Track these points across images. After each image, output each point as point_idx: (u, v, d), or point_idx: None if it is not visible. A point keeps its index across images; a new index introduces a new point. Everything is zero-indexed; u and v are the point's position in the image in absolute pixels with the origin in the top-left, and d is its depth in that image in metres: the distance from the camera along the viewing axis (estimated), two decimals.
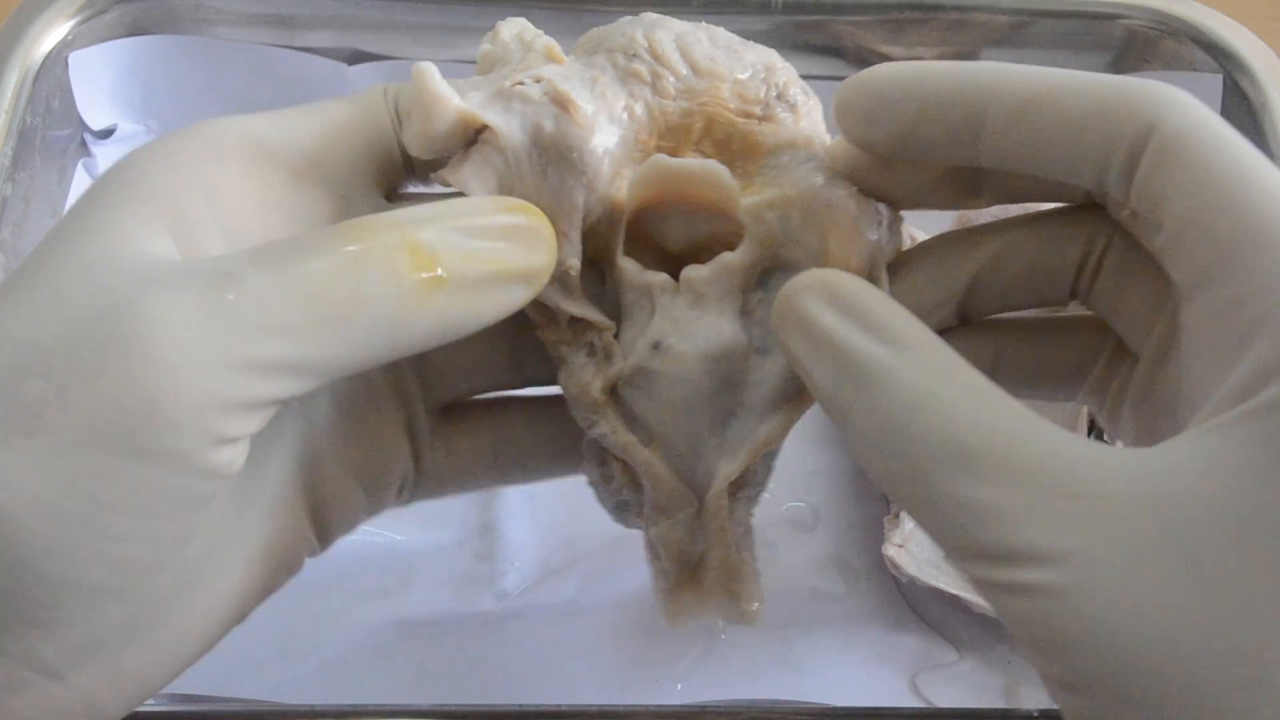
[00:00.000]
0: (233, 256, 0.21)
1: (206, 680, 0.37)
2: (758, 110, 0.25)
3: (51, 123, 0.44)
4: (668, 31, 0.26)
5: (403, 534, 0.41)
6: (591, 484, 0.28)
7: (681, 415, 0.25)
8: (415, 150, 0.24)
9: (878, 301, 0.22)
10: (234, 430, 0.21)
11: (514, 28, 0.26)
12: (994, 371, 0.26)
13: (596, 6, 0.46)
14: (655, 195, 0.25)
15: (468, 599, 0.39)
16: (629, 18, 0.26)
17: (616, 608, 0.39)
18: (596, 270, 0.26)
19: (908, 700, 0.38)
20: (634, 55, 0.25)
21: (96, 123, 0.47)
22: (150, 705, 0.36)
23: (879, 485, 0.22)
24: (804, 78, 0.27)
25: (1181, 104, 0.22)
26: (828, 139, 0.26)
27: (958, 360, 0.22)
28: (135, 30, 0.47)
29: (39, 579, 0.20)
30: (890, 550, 0.38)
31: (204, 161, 0.23)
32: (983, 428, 0.21)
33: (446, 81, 0.24)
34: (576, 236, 0.24)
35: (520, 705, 0.36)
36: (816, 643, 0.39)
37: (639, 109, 0.25)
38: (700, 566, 0.27)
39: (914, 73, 0.23)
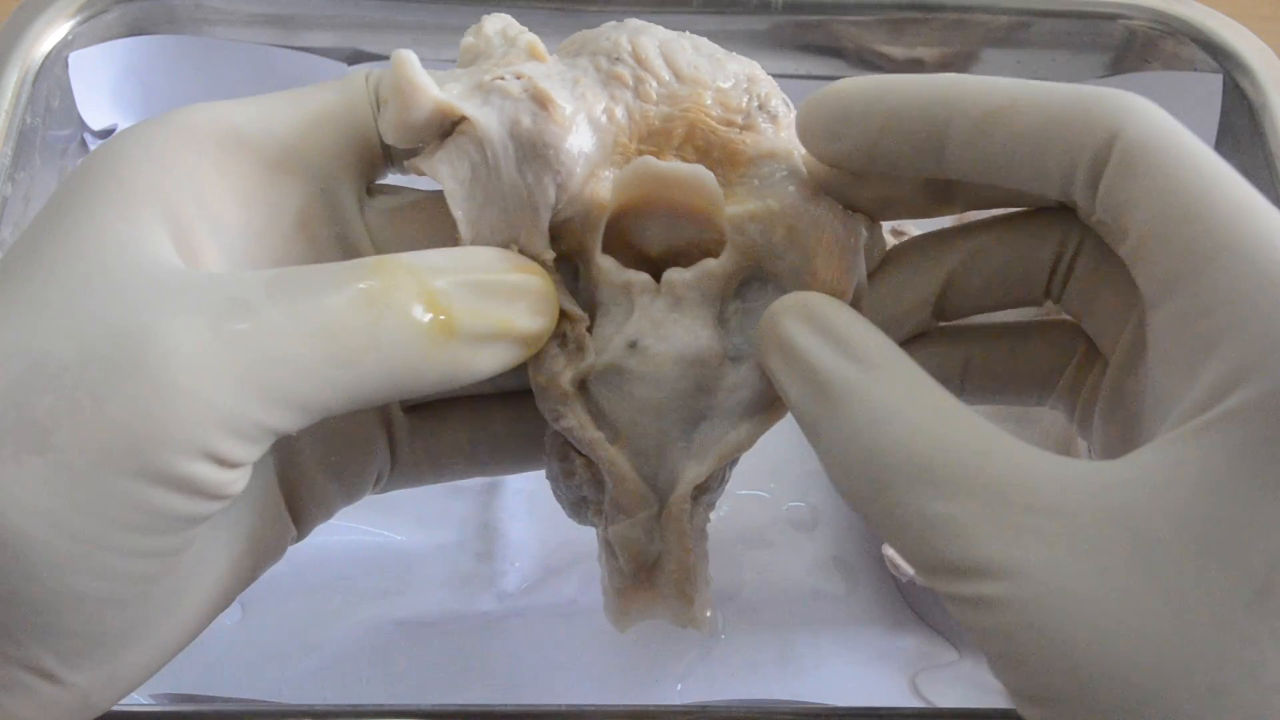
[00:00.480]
0: (247, 282, 0.21)
1: (207, 680, 0.37)
2: (739, 119, 0.26)
3: (51, 123, 0.44)
4: (651, 37, 0.26)
5: (403, 534, 0.41)
6: (550, 478, 0.28)
7: (651, 416, 0.25)
8: (390, 138, 0.25)
9: (851, 323, 0.23)
10: (238, 457, 0.21)
11: (498, 23, 0.26)
12: (964, 377, 0.27)
13: (595, 7, 0.46)
14: (639, 197, 0.25)
15: (468, 599, 0.39)
16: (613, 23, 0.26)
17: None
18: (570, 266, 0.26)
19: (908, 700, 0.38)
20: (617, 59, 0.25)
21: (96, 123, 0.47)
22: (150, 705, 0.36)
23: (847, 501, 0.23)
24: (804, 78, 0.27)
25: (1144, 113, 0.22)
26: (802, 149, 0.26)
27: (925, 379, 0.22)
28: (135, 30, 0.47)
29: (44, 590, 0.20)
30: (890, 550, 0.38)
31: (187, 155, 0.23)
32: (945, 443, 0.21)
33: (426, 72, 0.24)
34: (545, 229, 0.25)
35: (520, 705, 0.36)
36: (816, 643, 0.39)
37: (619, 112, 0.25)
38: (655, 568, 0.27)
39: (876, 87, 0.23)
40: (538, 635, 0.39)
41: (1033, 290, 0.26)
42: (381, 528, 0.41)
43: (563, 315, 0.25)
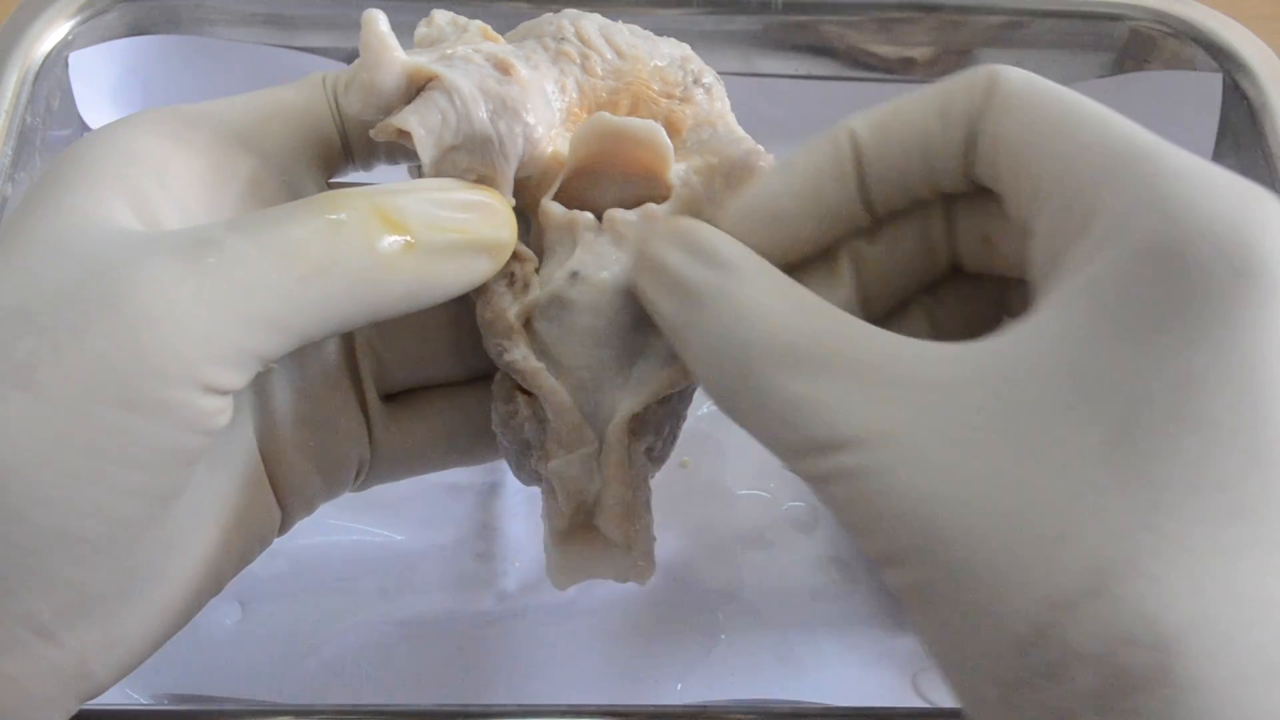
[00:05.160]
0: (208, 226, 0.22)
1: (207, 680, 0.37)
2: (677, 92, 0.28)
3: (51, 123, 0.44)
4: (591, 22, 0.28)
5: (403, 534, 0.41)
6: (496, 427, 0.28)
7: (590, 346, 0.26)
8: (357, 107, 0.25)
9: (714, 235, 0.24)
10: (220, 382, 0.21)
11: (447, 15, 0.28)
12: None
13: (584, 8, 0.46)
14: (595, 153, 0.26)
15: (468, 599, 0.39)
16: (552, 13, 0.28)
17: (617, 608, 0.39)
18: (524, 220, 0.27)
19: (908, 700, 0.38)
20: (563, 39, 0.27)
21: (96, 123, 0.47)
22: (150, 705, 0.36)
23: (717, 403, 0.24)
24: (804, 78, 0.27)
25: (1009, 68, 0.24)
26: (732, 116, 0.28)
27: (788, 280, 0.23)
28: (135, 30, 0.47)
29: (35, 530, 0.20)
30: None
31: (148, 142, 0.24)
32: (810, 330, 0.22)
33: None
34: (511, 179, 0.26)
35: (520, 705, 0.36)
36: (816, 643, 0.39)
37: (570, 84, 0.27)
38: (596, 509, 0.28)
39: (786, 188, 0.25)
40: (538, 635, 0.39)
41: (941, 268, 0.26)
42: (381, 528, 0.41)
43: (513, 255, 0.26)
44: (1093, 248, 0.20)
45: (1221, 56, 0.46)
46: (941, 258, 0.26)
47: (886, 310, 0.26)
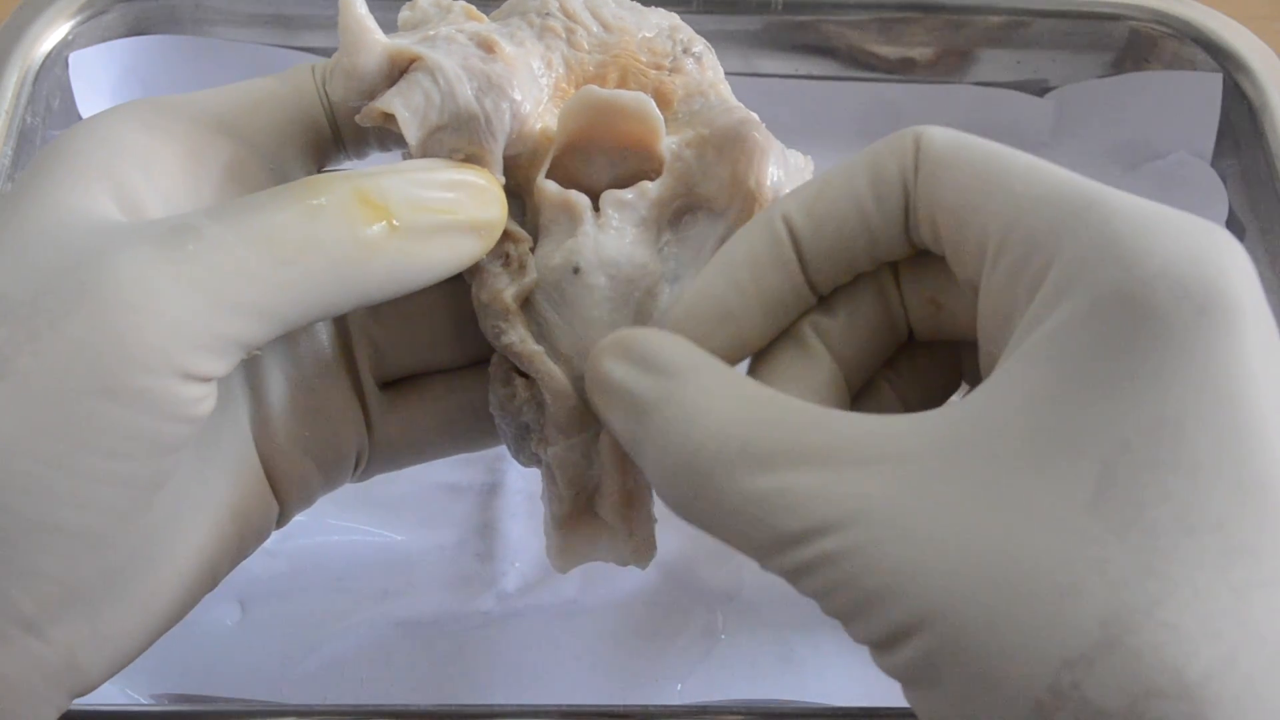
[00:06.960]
0: (188, 214, 0.22)
1: (207, 680, 0.37)
2: (667, 63, 0.27)
3: (51, 123, 0.44)
4: None
5: (403, 534, 0.41)
6: (493, 410, 0.28)
7: (590, 330, 0.26)
8: (340, 93, 0.25)
9: (653, 340, 0.23)
10: (200, 369, 0.21)
11: None
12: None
13: None
14: (584, 127, 0.26)
15: (468, 599, 0.39)
16: None
17: (617, 608, 0.39)
18: (518, 200, 0.27)
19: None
20: (547, 14, 0.27)
21: None
22: (151, 705, 0.36)
23: (676, 511, 0.23)
24: (803, 78, 0.27)
25: (931, 127, 0.23)
26: (726, 85, 0.28)
27: (734, 375, 0.23)
28: (135, 30, 0.47)
29: (16, 520, 0.20)
30: None
31: (134, 133, 0.24)
32: (762, 424, 0.21)
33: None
34: (500, 157, 0.25)
35: (520, 705, 0.36)
36: (816, 643, 0.39)
37: (556, 60, 0.27)
38: (596, 497, 0.27)
39: (724, 295, 0.24)
40: (538, 635, 0.39)
41: (899, 335, 0.26)
42: (381, 528, 0.41)
43: (506, 236, 0.26)
44: (1050, 300, 0.20)
45: (1221, 56, 0.46)
46: (901, 326, 0.25)
47: (857, 389, 0.26)
